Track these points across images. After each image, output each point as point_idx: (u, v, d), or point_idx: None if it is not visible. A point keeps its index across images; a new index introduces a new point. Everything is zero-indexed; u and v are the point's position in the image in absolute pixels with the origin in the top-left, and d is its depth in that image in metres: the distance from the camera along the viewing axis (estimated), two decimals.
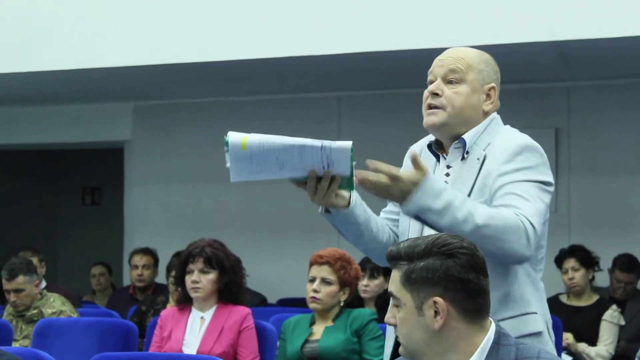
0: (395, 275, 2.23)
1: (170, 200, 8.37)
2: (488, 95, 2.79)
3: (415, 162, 2.52)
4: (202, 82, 7.58)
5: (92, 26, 6.58)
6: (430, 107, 2.76)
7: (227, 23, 6.29)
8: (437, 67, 2.78)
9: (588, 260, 5.94)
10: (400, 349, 2.27)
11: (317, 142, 2.58)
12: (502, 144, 2.70)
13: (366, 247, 2.84)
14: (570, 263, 5.89)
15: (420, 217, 2.53)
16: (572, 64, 6.66)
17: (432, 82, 2.78)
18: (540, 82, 7.35)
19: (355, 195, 2.74)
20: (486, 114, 2.78)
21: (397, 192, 2.52)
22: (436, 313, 2.17)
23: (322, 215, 2.74)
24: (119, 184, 8.89)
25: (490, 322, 2.23)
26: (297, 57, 6.26)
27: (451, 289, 2.17)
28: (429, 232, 2.68)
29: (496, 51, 6.26)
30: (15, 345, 5.08)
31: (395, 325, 2.25)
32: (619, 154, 7.22)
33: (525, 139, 2.72)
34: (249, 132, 2.58)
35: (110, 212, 10.60)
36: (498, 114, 2.87)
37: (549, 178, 2.67)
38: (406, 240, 2.28)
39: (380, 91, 7.66)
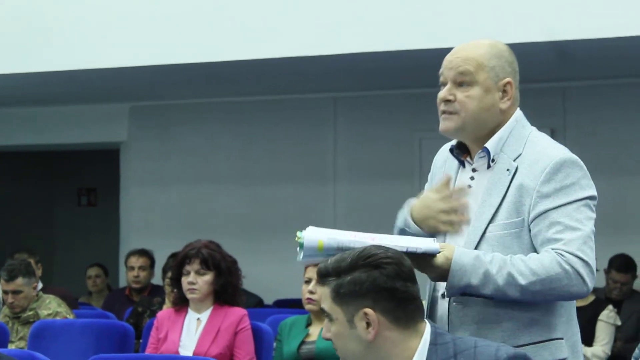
0: (326, 291, 2.25)
1: (166, 201, 8.37)
2: (505, 92, 2.63)
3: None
4: (198, 83, 7.57)
5: (89, 27, 6.58)
6: (444, 112, 2.63)
7: (223, 24, 6.29)
8: (447, 69, 2.63)
9: None
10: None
11: (401, 243, 2.40)
12: (537, 156, 2.57)
13: None
14: None
15: (465, 293, 2.47)
16: (568, 64, 6.67)
17: (443, 84, 2.64)
18: (536, 82, 7.34)
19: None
20: (504, 111, 2.63)
21: (435, 275, 2.47)
22: (368, 324, 2.19)
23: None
24: (115, 185, 8.88)
25: (425, 324, 2.25)
26: (294, 58, 6.25)
27: (380, 299, 2.19)
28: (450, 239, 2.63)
29: None
30: (11, 347, 5.06)
31: (331, 340, 2.28)
32: (615, 154, 7.22)
33: (562, 153, 2.59)
34: (246, 134, 2.57)
35: (106, 213, 10.59)
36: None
37: (592, 191, 2.57)
38: (334, 256, 2.28)
39: (376, 92, 7.66)
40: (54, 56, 6.63)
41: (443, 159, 2.76)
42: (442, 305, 2.61)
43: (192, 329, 4.47)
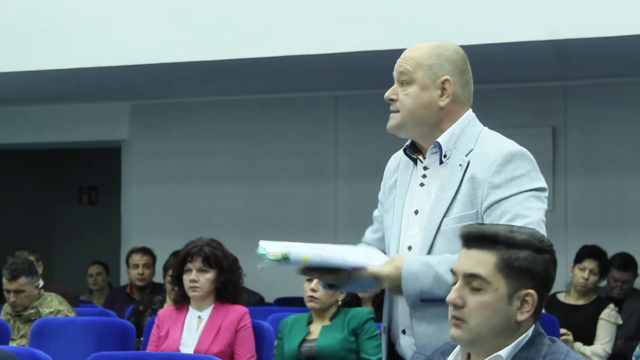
0: (489, 258, 2.17)
1: (167, 199, 8.37)
2: (443, 89, 2.68)
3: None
4: (200, 82, 7.57)
5: (90, 25, 6.58)
6: (391, 111, 2.76)
7: (224, 23, 6.29)
8: (395, 70, 2.75)
9: (604, 268, 5.96)
10: (459, 333, 2.19)
11: (347, 257, 2.62)
12: (487, 150, 2.62)
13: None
14: (592, 265, 5.86)
15: (423, 299, 2.54)
16: (569, 63, 6.67)
17: None
18: (537, 81, 7.35)
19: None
20: (443, 109, 2.68)
21: (389, 286, 2.58)
22: (522, 304, 2.15)
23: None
24: (116, 184, 8.88)
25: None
26: (295, 57, 6.25)
27: (543, 285, 2.18)
28: (406, 222, 2.70)
29: (494, 50, 6.30)
30: (12, 344, 5.06)
31: (461, 307, 2.17)
32: (616, 153, 7.22)
33: (511, 145, 2.62)
34: (247, 132, 2.60)
35: (107, 211, 10.60)
36: (497, 113, 2.83)
37: (542, 183, 2.61)
38: (497, 224, 2.28)
39: (377, 90, 7.60)
40: (54, 54, 6.63)
41: (395, 165, 2.86)
42: (398, 301, 2.69)
43: (193, 327, 4.47)
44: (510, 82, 7.34)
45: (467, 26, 5.70)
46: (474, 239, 2.20)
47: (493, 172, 2.57)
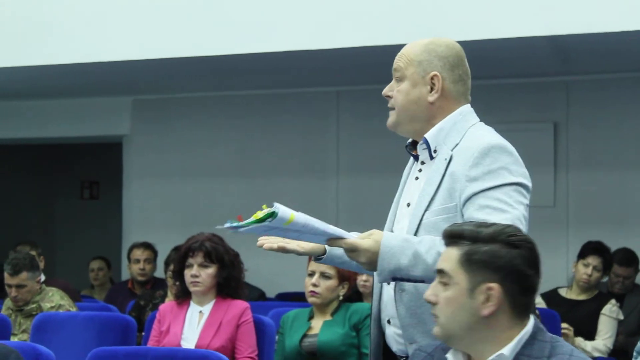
0: (453, 253, 2.19)
1: (168, 194, 8.37)
2: (432, 85, 2.70)
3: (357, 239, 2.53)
4: (201, 77, 7.57)
5: (91, 20, 6.57)
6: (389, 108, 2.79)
7: (226, 18, 6.28)
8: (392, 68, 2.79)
9: (608, 265, 5.95)
10: (436, 330, 2.23)
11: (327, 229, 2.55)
12: (469, 144, 2.61)
13: (360, 269, 2.88)
14: (595, 261, 5.85)
15: (395, 277, 2.50)
16: (570, 59, 6.66)
17: None
18: (538, 76, 7.34)
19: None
20: (433, 104, 2.70)
21: (365, 260, 2.51)
22: (487, 299, 2.14)
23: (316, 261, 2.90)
24: (117, 178, 8.89)
25: (531, 318, 2.22)
26: (296, 52, 6.25)
27: (509, 280, 2.14)
28: (399, 226, 2.73)
29: (495, 46, 6.29)
30: (13, 339, 5.07)
31: (434, 304, 2.21)
32: (618, 148, 7.22)
33: (490, 138, 2.60)
34: (249, 128, 2.60)
35: (109, 206, 10.61)
36: (499, 108, 2.83)
37: (523, 177, 2.57)
38: (470, 222, 2.26)
39: (379, 86, 7.58)
40: (56, 49, 6.63)
41: (410, 163, 2.87)
42: (383, 291, 2.71)
43: (194, 322, 4.47)
44: (512, 77, 7.34)
45: (467, 22, 5.70)
46: (447, 236, 2.24)
47: (470, 166, 2.56)
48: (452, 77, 2.71)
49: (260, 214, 2.46)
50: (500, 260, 2.14)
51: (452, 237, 2.21)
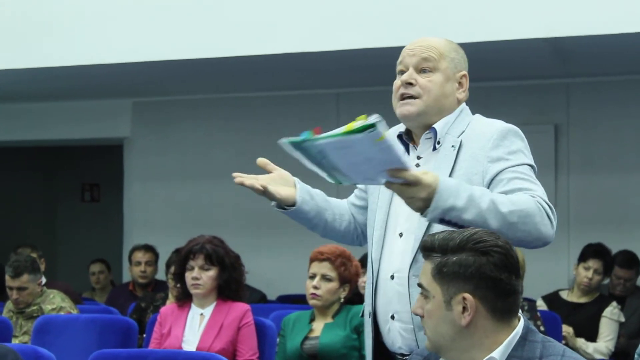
0: (427, 267, 2.21)
1: (169, 196, 8.37)
2: (460, 84, 2.76)
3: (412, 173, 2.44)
4: (201, 79, 7.57)
5: (91, 22, 6.57)
6: (403, 97, 2.73)
7: (226, 20, 6.29)
8: (408, 56, 2.75)
9: (608, 268, 5.95)
10: (426, 342, 2.26)
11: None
12: (482, 129, 2.67)
13: (323, 234, 3.04)
14: (596, 264, 5.85)
15: (444, 218, 2.45)
16: (571, 61, 6.66)
17: (402, 72, 2.76)
18: (539, 78, 7.35)
19: (303, 194, 2.99)
20: (459, 102, 2.75)
21: (424, 195, 2.41)
22: (464, 309, 2.15)
23: (275, 209, 2.99)
24: (118, 181, 8.89)
25: (519, 319, 2.22)
26: (296, 54, 6.25)
27: (482, 287, 2.15)
28: (395, 209, 2.73)
29: (495, 48, 6.28)
30: (14, 341, 5.07)
31: (421, 317, 2.23)
32: (618, 150, 7.22)
33: (504, 123, 2.69)
34: (249, 130, 2.60)
35: (109, 208, 10.61)
36: (499, 110, 2.87)
37: (533, 162, 2.66)
38: (442, 232, 2.25)
39: (379, 88, 7.63)
40: (55, 51, 6.64)
41: None
42: (386, 287, 2.69)
43: (195, 324, 4.47)
44: (512, 79, 7.34)
45: (467, 24, 5.70)
46: (421, 250, 2.26)
47: (491, 147, 2.61)
48: (469, 79, 2.80)
49: (355, 124, 2.33)
50: (469, 269, 2.15)
51: (425, 250, 2.23)
